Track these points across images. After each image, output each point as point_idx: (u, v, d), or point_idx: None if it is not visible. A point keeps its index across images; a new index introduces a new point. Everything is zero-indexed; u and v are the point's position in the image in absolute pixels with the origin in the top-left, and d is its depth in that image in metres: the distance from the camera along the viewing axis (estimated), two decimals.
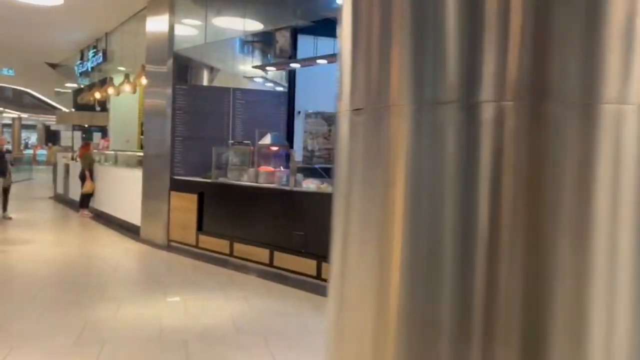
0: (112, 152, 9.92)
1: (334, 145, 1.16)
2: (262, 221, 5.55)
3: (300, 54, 7.20)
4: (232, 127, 7.16)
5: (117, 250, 6.57)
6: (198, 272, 5.60)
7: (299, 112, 7.80)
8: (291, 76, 7.59)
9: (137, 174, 7.36)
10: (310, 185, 5.40)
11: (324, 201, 4.97)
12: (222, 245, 5.99)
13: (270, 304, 4.41)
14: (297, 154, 7.69)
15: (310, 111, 7.93)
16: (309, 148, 7.53)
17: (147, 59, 7.31)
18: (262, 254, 5.47)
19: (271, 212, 5.49)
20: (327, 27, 5.29)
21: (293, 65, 6.53)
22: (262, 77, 7.72)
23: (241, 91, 7.30)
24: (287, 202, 5.34)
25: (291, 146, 6.73)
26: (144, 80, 7.67)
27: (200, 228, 6.34)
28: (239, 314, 4.09)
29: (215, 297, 4.56)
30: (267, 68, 6.97)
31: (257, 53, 7.83)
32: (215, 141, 6.94)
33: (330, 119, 8.12)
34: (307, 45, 7.00)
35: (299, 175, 5.34)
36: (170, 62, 6.82)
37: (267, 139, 6.15)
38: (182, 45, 6.94)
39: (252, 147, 6.28)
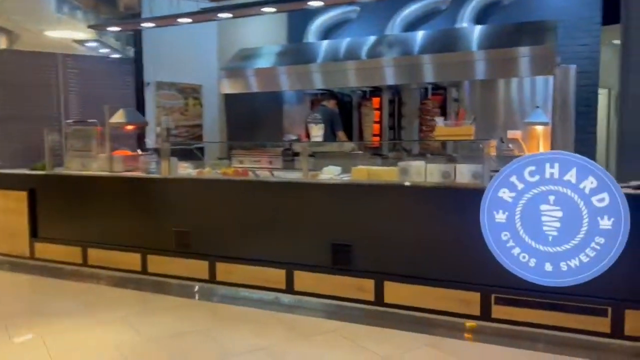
0: None
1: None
2: (126, 219, 4.55)
3: (146, 14, 6.10)
4: (65, 103, 5.79)
5: None
6: (44, 291, 4.39)
7: (148, 84, 6.70)
8: (137, 41, 6.42)
9: None
10: (189, 171, 4.57)
11: (209, 189, 4.23)
12: (70, 253, 4.80)
13: (163, 322, 3.59)
14: (150, 133, 6.65)
15: (162, 82, 6.88)
16: (164, 126, 6.53)
17: None
18: (131, 259, 4.50)
19: (138, 206, 4.52)
20: None
21: (146, 25, 5.44)
22: (96, 41, 6.35)
23: (73, 58, 5.93)
24: (160, 193, 4.44)
25: None
26: None
27: (34, 234, 5.00)
28: (127, 344, 3.21)
29: (85, 325, 3.55)
30: (110, 29, 5.72)
31: (84, 11, 6.40)
32: (43, 121, 5.55)
33: (186, 92, 7.17)
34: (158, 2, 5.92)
35: (174, 159, 4.46)
36: None
37: (119, 117, 5.05)
38: None
39: (99, 128, 5.10)
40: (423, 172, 3.52)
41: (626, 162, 4.22)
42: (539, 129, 5.47)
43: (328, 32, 6.87)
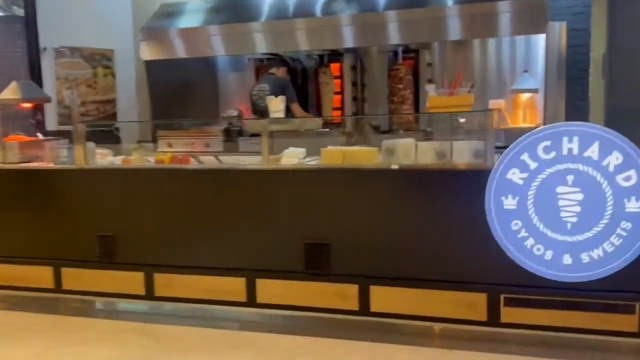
0: None
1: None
2: (31, 223, 4.14)
3: None
4: None
5: None
6: None
7: (45, 49, 6.15)
8: None
9: None
10: (110, 159, 4.22)
11: (141, 181, 3.93)
12: None
13: (89, 354, 3.28)
14: (49, 112, 6.13)
15: (63, 47, 6.34)
16: (72, 102, 6.08)
17: None
18: (41, 274, 4.10)
19: (47, 207, 4.11)
20: None
21: None
22: None
23: None
24: (75, 188, 4.06)
25: None
26: None
27: None
28: None
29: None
30: None
31: None
32: None
33: (95, 59, 6.65)
34: None
35: (90, 145, 4.09)
36: None
37: (13, 91, 4.56)
38: None
39: None
40: (412, 152, 3.41)
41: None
42: (525, 97, 5.53)
43: None
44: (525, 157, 2.97)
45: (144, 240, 3.89)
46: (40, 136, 4.77)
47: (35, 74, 5.92)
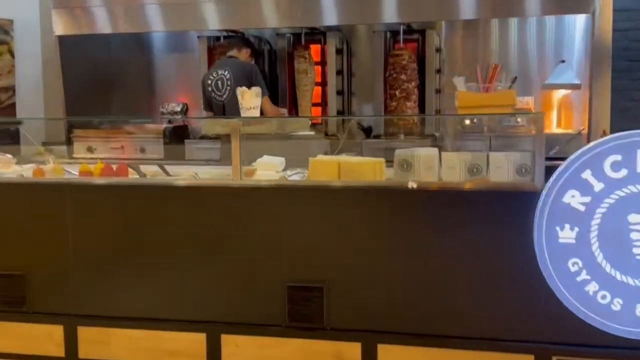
0: None
1: None
2: None
3: None
4: None
5: None
6: None
7: None
8: None
9: None
10: (14, 169, 4.02)
11: (60, 200, 3.73)
12: None
13: None
14: None
15: None
16: None
17: None
18: None
19: None
20: None
21: None
22: None
23: None
24: None
25: None
26: None
27: None
28: None
29: None
30: None
31: None
32: None
33: None
34: None
35: None
36: None
37: None
38: None
39: None
40: (436, 165, 3.34)
41: None
42: (561, 94, 5.57)
43: None
44: (587, 175, 2.93)
45: (65, 281, 3.70)
46: None
47: None
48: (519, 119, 3.22)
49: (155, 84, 6.70)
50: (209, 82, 5.60)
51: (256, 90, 3.72)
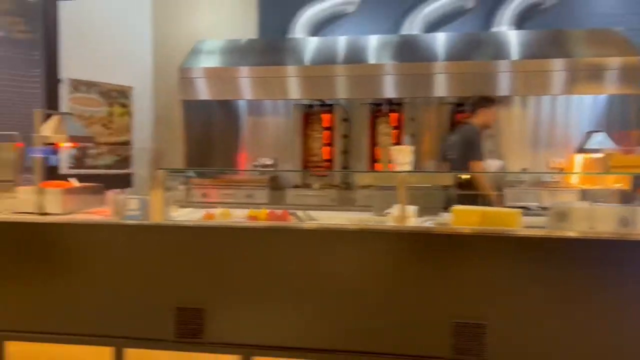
0: None
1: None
2: (84, 290, 3.24)
3: None
4: None
5: None
6: None
7: (60, 80, 5.29)
8: (48, 19, 5.00)
9: None
10: (184, 213, 3.43)
11: (234, 242, 3.15)
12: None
13: None
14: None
15: (81, 80, 5.48)
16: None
17: None
18: (100, 356, 3.19)
19: (113, 269, 3.24)
20: None
21: None
22: None
23: None
24: (154, 247, 3.23)
25: None
26: None
27: None
28: None
29: None
30: None
31: None
32: None
33: (111, 96, 5.78)
34: None
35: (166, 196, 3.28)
36: None
37: (53, 127, 3.70)
38: None
39: (19, 144, 3.70)
40: (586, 217, 2.87)
41: None
42: (592, 157, 5.20)
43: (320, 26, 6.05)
44: None
45: (239, 315, 3.09)
46: (73, 182, 3.89)
47: (53, 108, 5.02)
48: None
49: (244, 142, 6.14)
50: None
51: (407, 148, 3.20)
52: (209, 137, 5.77)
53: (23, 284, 3.30)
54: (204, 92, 5.42)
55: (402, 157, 3.21)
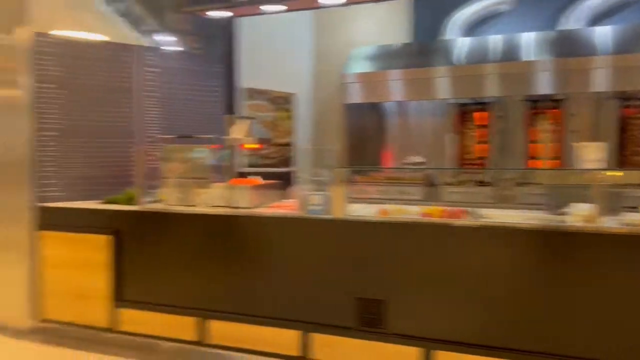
0: None
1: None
2: (275, 278, 3.36)
3: None
4: (140, 110, 4.64)
5: None
6: None
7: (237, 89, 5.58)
8: (228, 31, 5.30)
9: None
10: (354, 208, 3.43)
11: (395, 236, 3.07)
12: (179, 325, 3.59)
13: None
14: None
15: (254, 88, 5.75)
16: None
17: None
18: (287, 339, 3.30)
19: (302, 262, 3.33)
20: None
21: (270, 7, 4.32)
22: (176, 31, 5.17)
23: (153, 52, 4.78)
24: (333, 241, 3.27)
25: None
26: None
27: (120, 297, 3.79)
28: None
29: None
30: (211, 13, 4.60)
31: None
32: (112, 136, 4.42)
33: (277, 102, 6.03)
34: None
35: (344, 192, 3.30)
36: None
37: (241, 130, 3.89)
38: None
39: (215, 146, 3.95)
40: None
41: None
42: None
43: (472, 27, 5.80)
44: None
45: (417, 308, 3.02)
46: (259, 180, 4.06)
47: (230, 114, 5.31)
48: None
49: (401, 139, 6.02)
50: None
51: (599, 144, 2.93)
52: (360, 138, 5.75)
53: (221, 270, 3.51)
54: (360, 95, 5.42)
55: (591, 154, 2.93)
